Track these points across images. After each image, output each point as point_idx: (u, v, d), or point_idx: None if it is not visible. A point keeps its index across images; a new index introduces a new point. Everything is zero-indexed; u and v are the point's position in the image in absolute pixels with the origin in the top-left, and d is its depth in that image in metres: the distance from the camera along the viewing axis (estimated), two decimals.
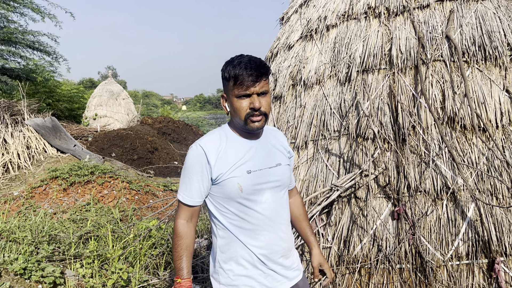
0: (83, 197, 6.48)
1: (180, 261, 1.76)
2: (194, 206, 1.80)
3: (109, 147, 11.81)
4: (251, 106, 1.71)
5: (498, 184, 2.79)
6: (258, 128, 1.75)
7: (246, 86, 1.69)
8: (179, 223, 1.80)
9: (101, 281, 3.61)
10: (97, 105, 17.80)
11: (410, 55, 3.15)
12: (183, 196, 1.79)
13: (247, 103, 1.72)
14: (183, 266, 1.76)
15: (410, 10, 3.32)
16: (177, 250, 1.78)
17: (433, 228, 2.80)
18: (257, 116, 1.73)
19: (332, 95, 3.35)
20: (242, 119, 1.74)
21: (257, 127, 1.75)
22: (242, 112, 1.72)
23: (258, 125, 1.74)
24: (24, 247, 3.89)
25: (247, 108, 1.72)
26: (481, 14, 3.21)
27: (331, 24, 3.64)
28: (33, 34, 14.26)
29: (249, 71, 1.68)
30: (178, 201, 1.82)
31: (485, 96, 2.97)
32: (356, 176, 2.96)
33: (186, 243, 1.78)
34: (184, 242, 1.78)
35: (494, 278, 2.70)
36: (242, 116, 1.73)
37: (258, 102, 1.71)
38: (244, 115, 1.73)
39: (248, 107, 1.72)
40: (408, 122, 2.97)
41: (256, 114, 1.72)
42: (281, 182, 1.86)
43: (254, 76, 1.68)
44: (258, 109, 1.71)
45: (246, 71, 1.68)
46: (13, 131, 8.55)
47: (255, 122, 1.73)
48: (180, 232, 1.79)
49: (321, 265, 2.03)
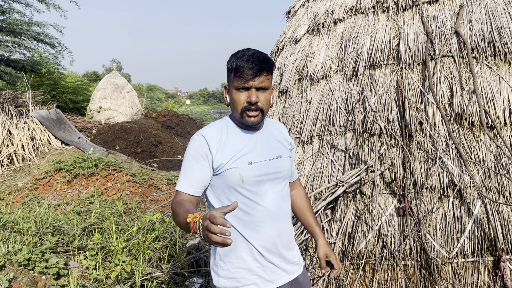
0: (87, 189, 6.49)
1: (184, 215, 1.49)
2: (194, 195, 1.72)
3: (113, 140, 11.82)
4: (248, 100, 1.71)
5: (506, 181, 2.76)
6: (254, 123, 1.75)
7: (246, 79, 1.69)
8: (174, 201, 1.68)
9: (105, 273, 3.62)
10: (102, 98, 17.82)
11: (418, 51, 3.11)
12: (182, 185, 1.71)
13: (244, 96, 1.72)
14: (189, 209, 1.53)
15: (419, 5, 3.28)
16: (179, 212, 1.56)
17: (439, 225, 2.78)
18: (253, 111, 1.72)
19: (339, 90, 3.33)
20: (238, 112, 1.74)
21: (253, 122, 1.74)
22: (239, 105, 1.73)
23: (253, 120, 1.74)
24: (28, 238, 3.90)
25: (244, 102, 1.72)
26: (491, 9, 3.17)
27: (339, 18, 3.60)
28: (38, 25, 14.23)
29: (250, 64, 1.68)
30: (177, 191, 1.72)
31: (493, 93, 2.94)
32: (362, 171, 2.94)
33: (186, 207, 1.58)
34: (184, 207, 1.58)
35: (500, 276, 2.68)
36: (238, 109, 1.74)
37: (255, 96, 1.70)
38: (241, 108, 1.73)
39: (245, 101, 1.72)
40: (415, 118, 2.95)
41: (253, 109, 1.72)
42: (281, 174, 1.85)
43: (255, 70, 1.68)
44: (255, 104, 1.71)
45: (247, 64, 1.68)
46: (17, 123, 8.57)
47: (250, 117, 1.73)
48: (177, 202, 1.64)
49: (328, 256, 2.00)
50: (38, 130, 8.78)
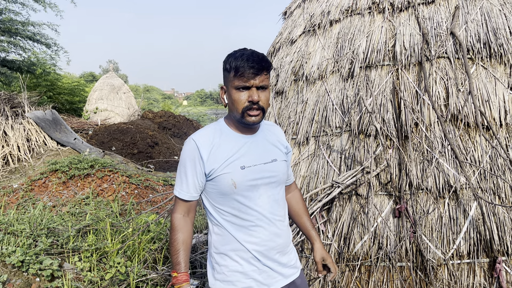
0: (82, 190, 6.46)
1: (177, 255, 1.74)
2: (190, 201, 1.79)
3: (109, 141, 11.79)
4: (249, 99, 1.69)
5: (501, 183, 2.76)
6: (255, 122, 1.73)
7: (247, 78, 1.67)
8: (175, 217, 1.79)
9: (99, 275, 3.59)
10: (98, 99, 17.76)
11: (414, 52, 3.11)
12: (179, 191, 1.78)
13: (245, 95, 1.70)
14: (180, 261, 1.74)
15: (414, 6, 3.28)
16: (174, 245, 1.76)
17: (435, 227, 2.77)
18: (255, 110, 1.71)
19: (335, 91, 3.32)
20: (239, 112, 1.72)
21: (254, 121, 1.73)
22: (240, 105, 1.70)
23: (255, 120, 1.73)
24: (22, 239, 3.87)
25: (246, 101, 1.70)
26: (486, 11, 3.17)
27: (335, 19, 3.60)
28: (33, 25, 14.18)
29: (250, 63, 1.66)
30: (175, 196, 1.81)
31: (489, 94, 2.94)
32: (358, 173, 2.93)
33: (183, 237, 1.76)
34: (181, 236, 1.76)
35: (495, 277, 2.68)
36: (239, 109, 1.71)
37: (257, 95, 1.69)
38: (242, 108, 1.71)
39: (246, 100, 1.70)
40: (411, 119, 2.94)
41: (255, 108, 1.70)
42: (276, 178, 1.83)
43: (256, 69, 1.67)
44: (257, 103, 1.70)
45: (248, 63, 1.66)
46: (13, 124, 8.52)
47: (252, 116, 1.71)
48: (177, 226, 1.78)
49: (324, 259, 1.99)
50: (34, 131, 8.74)
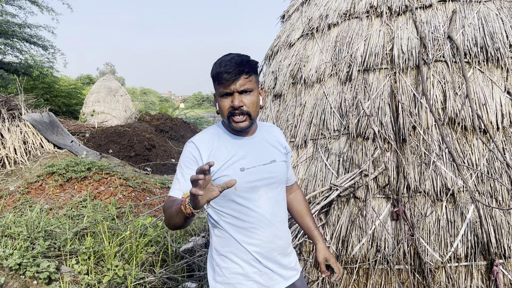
0: (79, 193, 6.44)
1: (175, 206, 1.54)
2: None
3: (106, 143, 11.76)
4: (231, 105, 1.69)
5: (498, 186, 2.78)
6: (243, 128, 1.72)
7: (225, 85, 1.67)
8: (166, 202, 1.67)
9: (97, 278, 3.58)
10: (95, 101, 17.73)
11: (412, 55, 3.13)
12: (174, 191, 1.70)
13: (228, 101, 1.69)
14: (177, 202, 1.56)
15: (412, 10, 3.30)
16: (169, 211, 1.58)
17: (432, 229, 2.78)
18: (238, 115, 1.69)
19: (333, 94, 3.33)
20: (226, 118, 1.73)
21: (241, 127, 1.72)
22: (225, 111, 1.71)
23: (241, 125, 1.71)
24: (19, 242, 3.86)
25: (229, 107, 1.69)
26: (483, 15, 3.19)
27: (333, 23, 3.61)
28: (29, 27, 14.19)
29: (228, 68, 1.65)
30: (168, 197, 1.71)
31: (486, 98, 2.96)
32: (356, 176, 2.94)
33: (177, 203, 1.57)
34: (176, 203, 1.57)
35: (493, 280, 2.69)
36: (225, 115, 1.72)
37: (238, 100, 1.67)
38: (226, 114, 1.70)
39: (229, 106, 1.69)
40: (408, 123, 2.96)
41: (237, 113, 1.69)
42: (276, 179, 1.83)
43: (232, 74, 1.65)
44: (239, 108, 1.68)
45: (225, 69, 1.65)
46: (10, 126, 8.50)
47: (237, 122, 1.70)
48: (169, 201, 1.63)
49: (327, 260, 1.99)
50: (31, 133, 8.72)
